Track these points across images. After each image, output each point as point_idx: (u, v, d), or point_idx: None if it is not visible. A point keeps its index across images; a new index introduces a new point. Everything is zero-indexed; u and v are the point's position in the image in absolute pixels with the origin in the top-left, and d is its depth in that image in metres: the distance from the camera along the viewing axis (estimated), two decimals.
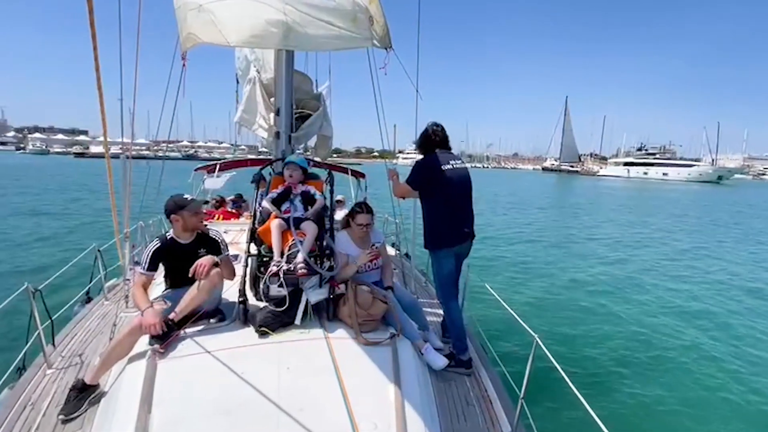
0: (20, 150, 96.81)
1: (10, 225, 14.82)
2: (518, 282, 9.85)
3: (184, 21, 3.00)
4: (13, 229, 14.12)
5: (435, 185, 3.33)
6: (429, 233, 3.46)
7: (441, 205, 3.37)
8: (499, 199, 30.83)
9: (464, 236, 3.41)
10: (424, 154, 3.47)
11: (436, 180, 3.31)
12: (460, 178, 3.40)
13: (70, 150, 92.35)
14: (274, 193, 3.35)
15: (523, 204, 28.90)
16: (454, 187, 3.36)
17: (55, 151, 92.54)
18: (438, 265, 3.47)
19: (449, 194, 3.35)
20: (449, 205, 3.37)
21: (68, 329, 3.79)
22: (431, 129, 3.50)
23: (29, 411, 2.65)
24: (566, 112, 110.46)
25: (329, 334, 2.80)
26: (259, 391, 2.18)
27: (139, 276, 2.84)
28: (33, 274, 9.01)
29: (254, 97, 3.94)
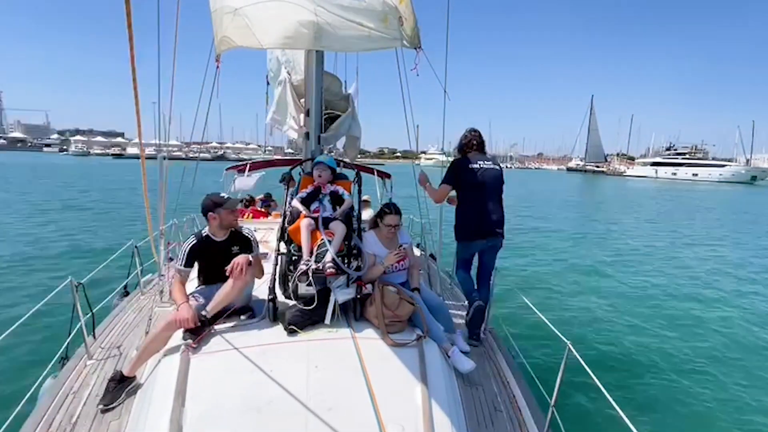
0: (63, 151, 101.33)
1: (61, 218, 15.74)
2: (545, 285, 9.60)
3: (220, 25, 3.03)
4: (63, 222, 15.00)
5: (463, 184, 3.63)
6: (456, 226, 3.80)
7: (467, 202, 3.66)
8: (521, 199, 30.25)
9: (486, 233, 3.68)
10: (462, 154, 3.77)
11: (464, 179, 3.61)
12: (489, 178, 3.64)
13: (108, 151, 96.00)
14: (303, 193, 3.35)
15: (544, 204, 28.24)
16: (481, 187, 3.61)
17: (95, 153, 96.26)
18: (458, 252, 3.92)
19: (476, 193, 3.62)
20: (475, 203, 3.63)
21: (107, 322, 3.90)
22: (468, 134, 3.80)
23: (71, 399, 2.72)
24: (592, 111, 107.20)
25: (356, 334, 2.77)
26: (288, 389, 2.17)
27: (177, 272, 2.89)
28: (76, 267, 9.43)
29: (285, 99, 3.96)
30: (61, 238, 12.82)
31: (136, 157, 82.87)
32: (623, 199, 36.84)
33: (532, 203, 28.45)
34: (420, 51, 3.35)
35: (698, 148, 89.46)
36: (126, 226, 14.89)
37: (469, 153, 3.75)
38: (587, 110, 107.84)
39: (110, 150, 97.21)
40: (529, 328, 5.78)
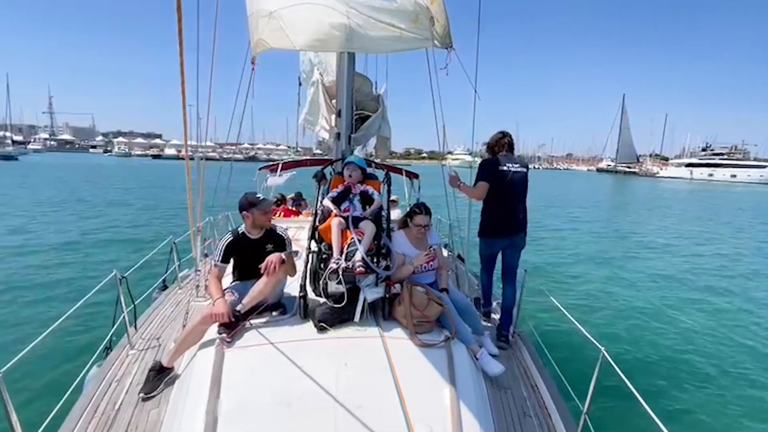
0: (107, 152, 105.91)
1: (108, 214, 16.78)
2: (575, 287, 9.33)
3: (256, 27, 3.08)
4: (111, 216, 15.90)
5: (493, 183, 3.70)
6: (481, 223, 3.92)
7: (494, 201, 3.74)
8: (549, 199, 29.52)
9: (510, 231, 3.82)
10: (492, 154, 3.87)
11: (495, 179, 3.69)
12: (517, 180, 3.74)
13: (147, 152, 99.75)
14: (334, 192, 3.36)
15: (573, 205, 27.45)
16: (508, 187, 3.70)
17: (136, 153, 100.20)
18: (482, 249, 4.02)
19: (503, 193, 3.70)
20: (501, 202, 3.72)
21: (147, 314, 4.03)
22: (497, 135, 3.90)
23: (114, 387, 2.83)
24: (623, 111, 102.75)
25: (385, 333, 2.75)
26: (319, 385, 2.18)
27: (214, 268, 2.95)
28: (119, 260, 9.87)
29: (317, 100, 3.99)
30: (107, 232, 13.50)
31: (172, 158, 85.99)
32: (654, 200, 35.40)
33: (560, 203, 27.75)
34: (451, 50, 3.30)
35: (738, 149, 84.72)
36: (164, 222, 15.49)
37: (499, 154, 3.83)
38: (618, 109, 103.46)
39: (149, 151, 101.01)
40: (559, 330, 5.60)
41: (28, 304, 7.14)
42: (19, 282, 8.28)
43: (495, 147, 3.87)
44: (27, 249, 10.90)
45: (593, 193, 40.31)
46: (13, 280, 8.48)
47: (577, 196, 35.23)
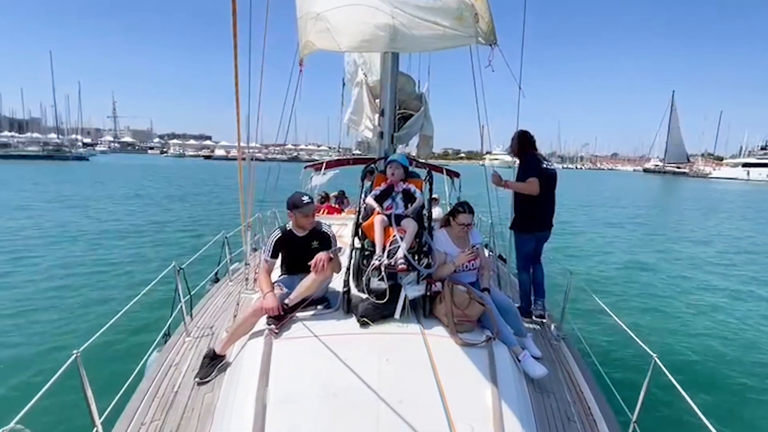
0: (163, 153, 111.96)
1: (170, 208, 17.86)
2: (620, 289, 8.85)
3: (304, 30, 3.13)
4: (172, 211, 17.01)
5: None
6: (518, 218, 4.01)
7: (532, 198, 3.82)
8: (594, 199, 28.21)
9: (544, 225, 3.99)
10: (521, 154, 3.96)
11: (533, 176, 3.77)
12: (550, 177, 3.90)
13: (199, 153, 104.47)
14: (377, 191, 3.37)
15: (617, 205, 26.10)
16: (546, 184, 3.81)
17: (189, 154, 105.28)
18: (519, 245, 4.09)
19: (543, 190, 3.79)
20: (538, 198, 3.81)
21: (201, 304, 4.21)
22: (525, 134, 3.98)
23: (173, 372, 2.99)
24: (672, 108, 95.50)
25: (425, 331, 2.73)
26: (362, 379, 2.19)
27: (264, 262, 3.04)
28: (173, 253, 10.44)
29: (361, 99, 4.01)
30: (166, 226, 14.37)
31: (222, 158, 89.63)
32: (704, 201, 32.99)
33: (607, 204, 26.49)
34: (495, 47, 3.21)
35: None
36: (217, 218, 16.26)
37: (530, 152, 3.93)
38: (667, 107, 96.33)
39: (201, 152, 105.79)
40: (605, 335, 5.33)
41: (99, 289, 7.75)
42: (91, 269, 9.00)
43: (530, 146, 3.95)
44: (103, 238, 11.94)
45: (631, 193, 38.15)
46: (86, 266, 9.25)
47: (625, 196, 33.47)
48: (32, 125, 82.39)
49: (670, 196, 38.27)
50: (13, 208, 16.81)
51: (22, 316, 6.45)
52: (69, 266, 9.25)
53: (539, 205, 3.90)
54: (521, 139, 3.96)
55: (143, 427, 2.41)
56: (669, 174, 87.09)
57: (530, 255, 4.09)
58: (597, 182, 54.08)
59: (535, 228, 4.00)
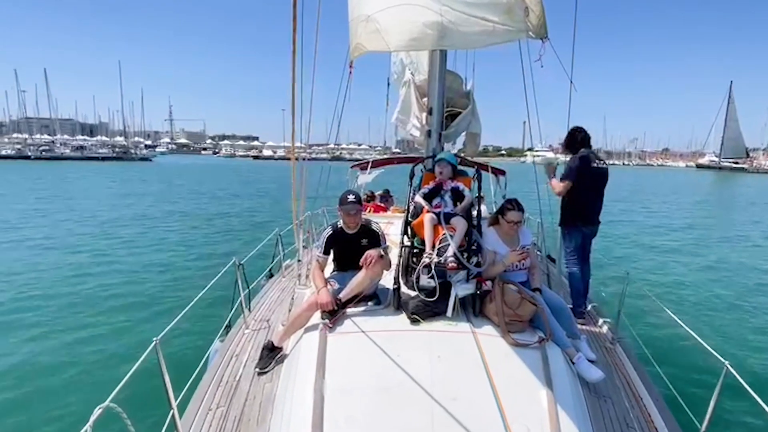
0: (215, 154, 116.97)
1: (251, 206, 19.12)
2: (680, 292, 8.25)
3: (355, 32, 3.15)
4: (232, 208, 18.11)
5: (581, 178, 3.84)
6: (566, 214, 4.03)
7: (581, 194, 3.87)
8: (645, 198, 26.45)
9: (590, 221, 4.01)
10: (571, 151, 3.98)
11: (583, 175, 3.83)
12: (600, 175, 3.93)
13: (249, 153, 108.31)
14: (425, 189, 3.34)
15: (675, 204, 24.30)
16: (594, 182, 3.87)
17: (239, 155, 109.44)
18: (568, 240, 4.09)
19: (589, 187, 3.85)
20: (587, 195, 3.87)
21: (258, 298, 4.38)
22: (576, 131, 3.98)
23: (234, 362, 3.14)
24: (730, 100, 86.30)
25: (476, 330, 2.69)
26: (414, 376, 2.19)
27: (317, 259, 3.11)
28: (230, 246, 10.94)
29: (409, 99, 3.99)
30: (224, 222, 15.27)
31: (269, 158, 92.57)
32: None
33: (662, 202, 24.89)
34: (546, 41, 3.07)
35: None
36: (268, 216, 16.90)
37: (581, 150, 3.93)
38: (724, 98, 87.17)
39: (250, 152, 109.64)
40: (665, 339, 4.98)
41: (167, 281, 8.31)
42: (158, 263, 9.67)
43: (575, 143, 3.95)
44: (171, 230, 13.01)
45: (685, 190, 35.47)
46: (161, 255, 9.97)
47: (679, 193, 31.25)
48: (100, 129, 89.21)
49: (726, 192, 35.27)
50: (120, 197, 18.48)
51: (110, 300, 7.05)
52: (151, 254, 10.18)
53: (585, 200, 3.91)
54: (569, 136, 3.99)
55: (210, 412, 2.55)
56: (725, 170, 79.91)
57: (578, 251, 4.06)
58: (645, 178, 50.87)
59: (581, 222, 4.00)
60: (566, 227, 4.09)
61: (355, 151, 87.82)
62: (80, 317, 6.44)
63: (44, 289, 7.68)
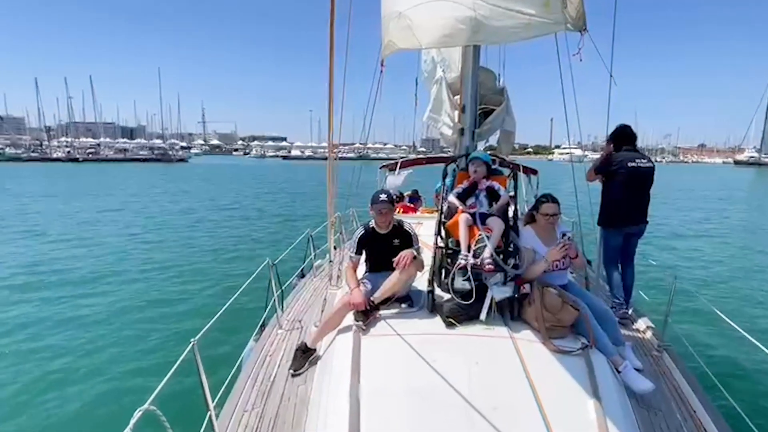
0: (246, 154, 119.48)
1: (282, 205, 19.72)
2: (733, 296, 7.68)
3: (387, 29, 3.07)
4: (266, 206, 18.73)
5: (616, 176, 3.72)
6: (603, 213, 3.90)
7: (617, 192, 3.75)
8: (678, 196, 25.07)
9: (632, 221, 3.83)
10: (614, 148, 3.84)
11: (617, 172, 3.71)
12: (639, 173, 3.74)
13: (278, 153, 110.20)
14: (459, 188, 3.22)
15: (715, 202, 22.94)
16: (632, 180, 3.71)
17: (269, 155, 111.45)
18: (605, 240, 3.95)
19: (626, 185, 3.71)
20: (624, 193, 3.73)
21: (291, 298, 4.36)
22: (616, 130, 3.86)
23: (269, 362, 3.12)
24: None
25: (514, 335, 2.56)
26: (451, 382, 2.10)
27: (350, 259, 3.05)
28: (262, 245, 11.10)
29: (440, 97, 3.87)
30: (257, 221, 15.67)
31: (297, 158, 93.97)
32: None
33: (699, 200, 23.61)
34: (585, 33, 2.88)
35: None
36: (299, 215, 17.22)
37: (624, 147, 3.80)
38: (765, 91, 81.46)
39: (279, 152, 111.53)
40: (718, 346, 4.61)
41: (203, 277, 8.54)
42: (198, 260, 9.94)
43: (618, 141, 3.82)
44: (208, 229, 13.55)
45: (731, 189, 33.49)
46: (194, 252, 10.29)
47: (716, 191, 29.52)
48: (139, 132, 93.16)
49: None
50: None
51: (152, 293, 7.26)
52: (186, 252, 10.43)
53: (625, 199, 3.76)
54: (613, 134, 3.87)
55: (246, 413, 2.52)
56: (766, 166, 74.91)
57: (617, 251, 3.93)
58: (681, 175, 48.43)
59: (621, 222, 3.84)
60: (604, 227, 3.94)
61: (380, 150, 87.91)
62: (117, 317, 6.57)
63: (83, 287, 7.93)
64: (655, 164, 3.91)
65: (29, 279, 8.33)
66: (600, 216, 3.96)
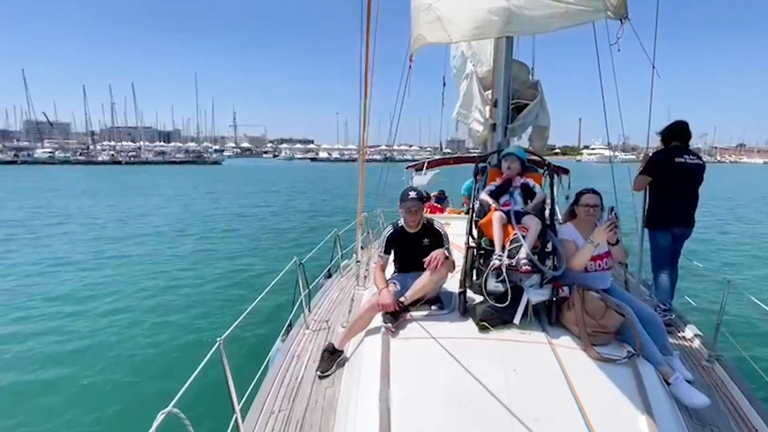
0: (276, 157, 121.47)
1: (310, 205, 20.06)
2: None
3: (416, 22, 2.95)
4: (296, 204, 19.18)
5: (663, 173, 3.55)
6: (650, 213, 3.71)
7: (663, 190, 3.57)
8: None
9: (680, 221, 3.63)
10: (663, 144, 3.69)
11: (663, 169, 3.53)
12: (687, 171, 3.55)
13: (306, 156, 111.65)
14: (492, 186, 3.04)
15: None
16: (679, 178, 3.53)
17: (297, 157, 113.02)
18: (653, 241, 3.74)
19: (672, 183, 3.53)
20: (672, 192, 3.55)
21: (317, 298, 4.29)
22: (677, 125, 3.67)
23: (296, 363, 3.04)
24: None
25: (553, 340, 2.38)
26: (488, 390, 1.95)
27: (378, 258, 2.93)
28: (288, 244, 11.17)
29: (471, 92, 3.70)
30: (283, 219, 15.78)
31: (325, 160, 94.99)
32: None
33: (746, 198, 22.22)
34: (626, 22, 2.65)
35: None
36: (326, 215, 17.28)
37: (672, 144, 3.63)
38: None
39: (307, 155, 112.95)
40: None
41: (230, 275, 8.61)
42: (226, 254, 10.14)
43: (668, 138, 3.65)
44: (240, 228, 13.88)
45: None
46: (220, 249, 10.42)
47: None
48: (174, 135, 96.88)
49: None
50: None
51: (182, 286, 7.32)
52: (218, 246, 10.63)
53: (672, 199, 3.57)
54: (667, 129, 3.69)
55: (273, 415, 2.45)
56: None
57: (667, 253, 3.70)
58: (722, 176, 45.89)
59: (669, 222, 3.63)
60: (651, 228, 3.72)
61: (406, 152, 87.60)
62: (143, 315, 6.59)
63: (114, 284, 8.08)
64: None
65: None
66: (647, 217, 3.75)
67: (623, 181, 3.87)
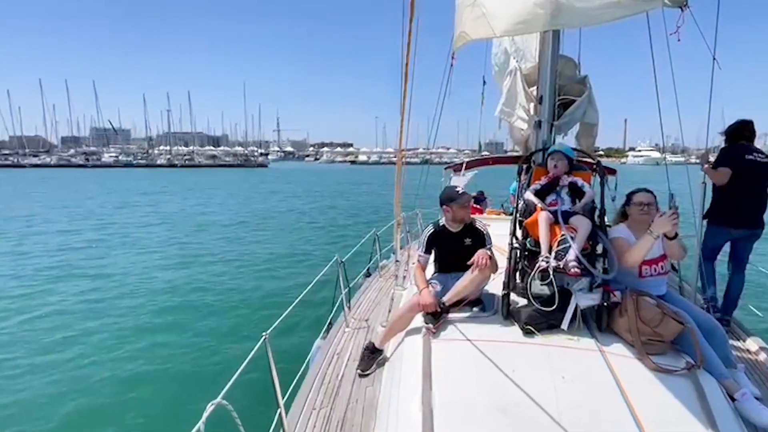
0: (317, 160, 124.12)
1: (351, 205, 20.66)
2: None
3: (460, 19, 2.85)
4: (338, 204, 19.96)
5: (735, 171, 3.35)
6: (712, 207, 3.55)
7: (729, 187, 3.39)
8: None
9: (745, 222, 3.46)
10: (731, 143, 3.54)
11: (736, 166, 3.35)
12: (757, 169, 3.39)
13: (346, 159, 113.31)
14: (537, 185, 2.89)
15: None
16: (749, 176, 3.37)
17: (338, 160, 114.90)
18: (708, 238, 3.59)
19: (744, 181, 3.36)
20: (741, 191, 3.38)
21: (357, 297, 4.29)
22: (742, 123, 3.55)
23: (336, 360, 3.04)
24: None
25: (604, 348, 2.21)
26: (535, 398, 1.84)
27: (419, 258, 2.86)
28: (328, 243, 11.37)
29: (514, 89, 3.54)
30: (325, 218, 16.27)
31: (364, 163, 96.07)
32: None
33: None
34: (686, 9, 2.40)
35: None
36: (365, 216, 17.46)
37: (739, 143, 3.49)
38: None
39: (347, 158, 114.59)
40: None
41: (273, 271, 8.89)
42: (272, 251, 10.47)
43: (736, 135, 3.51)
44: None
45: None
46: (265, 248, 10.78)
47: None
48: (222, 140, 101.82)
49: None
50: None
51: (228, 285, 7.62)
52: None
53: (739, 196, 3.38)
54: (731, 128, 3.57)
55: (314, 411, 2.45)
56: None
57: (715, 253, 3.63)
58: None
59: (730, 222, 3.47)
60: (710, 224, 3.56)
61: (443, 155, 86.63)
62: (187, 311, 6.77)
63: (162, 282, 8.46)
64: None
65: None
66: (708, 210, 3.55)
67: (680, 183, 3.58)
